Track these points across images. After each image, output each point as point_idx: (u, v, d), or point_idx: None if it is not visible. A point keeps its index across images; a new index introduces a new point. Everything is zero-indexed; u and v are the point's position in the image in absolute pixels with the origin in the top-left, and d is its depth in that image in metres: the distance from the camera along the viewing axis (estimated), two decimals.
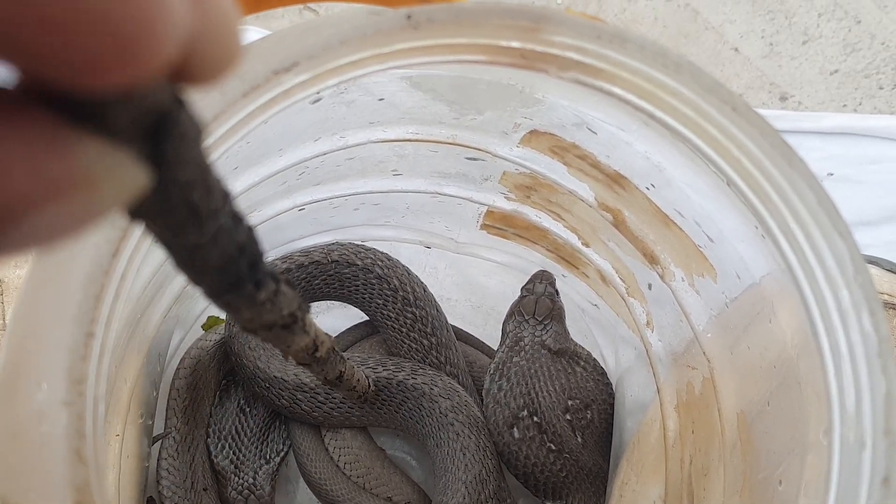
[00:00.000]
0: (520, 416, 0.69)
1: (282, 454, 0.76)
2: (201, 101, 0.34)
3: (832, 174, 0.92)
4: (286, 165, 0.59)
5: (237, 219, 0.23)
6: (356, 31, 0.35)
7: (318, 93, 0.40)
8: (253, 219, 0.67)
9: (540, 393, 0.69)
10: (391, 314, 0.76)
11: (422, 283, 0.77)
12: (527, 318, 0.72)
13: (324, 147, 0.59)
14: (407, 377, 0.71)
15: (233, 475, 0.72)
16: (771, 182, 0.38)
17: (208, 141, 0.35)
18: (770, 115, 0.94)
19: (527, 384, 0.69)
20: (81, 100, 0.16)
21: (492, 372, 0.71)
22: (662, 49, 0.36)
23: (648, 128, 0.47)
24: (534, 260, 0.79)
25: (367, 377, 0.62)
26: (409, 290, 0.75)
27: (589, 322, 0.81)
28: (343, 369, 0.52)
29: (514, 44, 0.37)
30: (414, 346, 0.76)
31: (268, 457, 0.75)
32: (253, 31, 0.93)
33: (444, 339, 0.76)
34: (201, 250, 0.21)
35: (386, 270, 0.75)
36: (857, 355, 0.36)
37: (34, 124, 0.15)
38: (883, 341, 0.35)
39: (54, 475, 0.30)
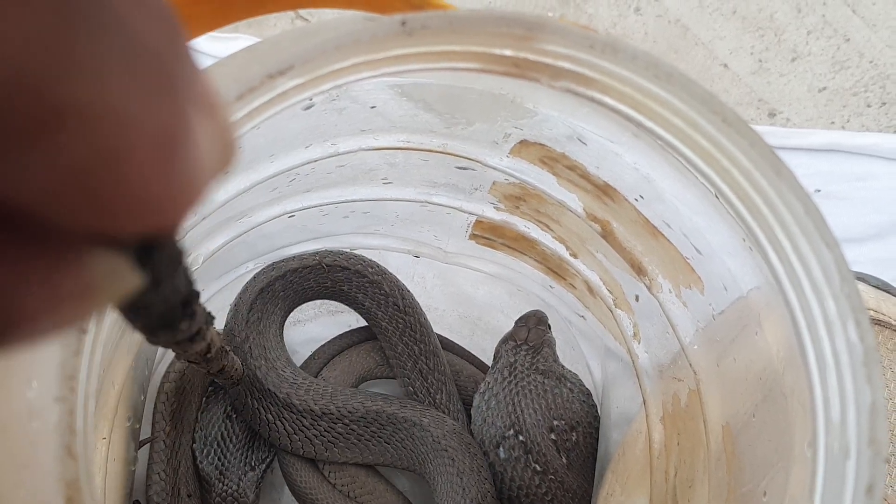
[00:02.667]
0: (506, 434, 0.69)
1: (267, 461, 0.76)
2: None
3: (819, 190, 0.93)
4: (277, 171, 0.59)
5: (185, 274, 0.23)
6: (351, 37, 0.35)
7: (310, 98, 0.40)
8: (242, 225, 0.67)
9: (525, 410, 0.69)
10: (384, 317, 0.77)
11: (409, 292, 0.78)
12: (519, 343, 0.73)
13: (315, 154, 0.59)
14: (396, 410, 0.72)
15: (217, 481, 0.72)
16: (759, 192, 0.38)
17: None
18: (758, 132, 0.94)
19: (513, 402, 0.70)
20: None
21: (482, 391, 0.72)
22: (654, 59, 0.37)
23: (638, 139, 0.47)
24: (522, 271, 0.79)
25: (242, 364, 0.63)
26: (399, 296, 0.76)
27: (575, 333, 0.82)
28: (226, 363, 0.53)
29: (507, 52, 0.38)
30: (406, 350, 0.76)
31: (253, 464, 0.75)
32: (245, 40, 0.93)
33: (431, 347, 0.76)
34: (149, 307, 0.22)
35: (377, 276, 0.75)
36: (842, 365, 0.37)
37: (48, 243, 0.16)
38: (868, 350, 0.36)
39: (44, 471, 0.30)
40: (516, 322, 0.77)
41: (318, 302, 0.84)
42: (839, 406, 0.37)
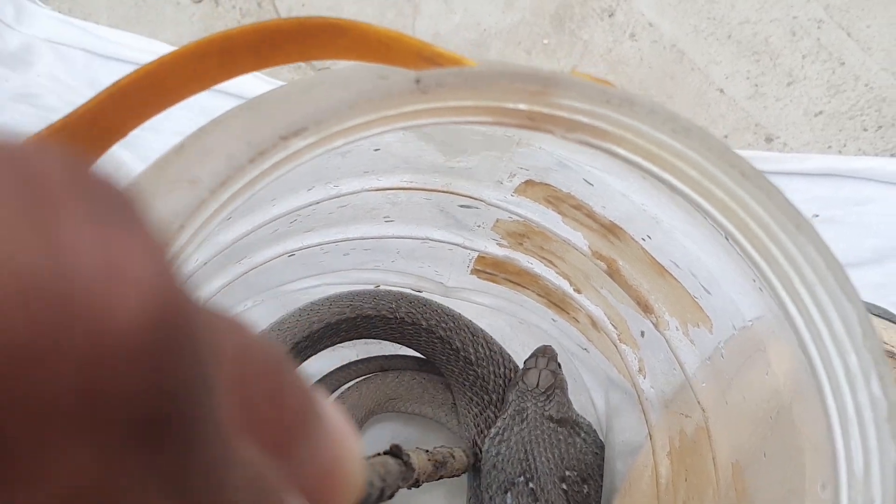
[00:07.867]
0: (515, 481, 0.68)
1: None
2: (206, 167, 0.34)
3: (817, 215, 0.92)
4: (278, 214, 0.58)
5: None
6: (365, 95, 0.34)
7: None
8: (241, 266, 0.66)
9: (538, 459, 0.69)
10: (454, 370, 0.78)
11: (487, 338, 0.79)
12: (530, 389, 0.73)
13: (317, 196, 0.59)
14: None
15: None
16: (779, 246, 0.38)
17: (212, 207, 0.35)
18: (755, 157, 0.94)
19: (525, 450, 0.69)
20: None
21: (492, 436, 0.72)
22: (672, 114, 0.36)
23: (645, 181, 0.47)
24: (523, 304, 0.79)
25: (463, 452, 0.63)
26: (472, 351, 0.77)
27: (578, 365, 0.81)
28: (443, 473, 0.53)
29: (522, 106, 0.37)
30: (476, 399, 0.77)
31: None
32: (252, 77, 0.93)
33: (496, 399, 0.78)
34: None
35: (448, 332, 0.77)
36: (865, 419, 0.36)
37: None
38: (892, 406, 0.35)
39: None
40: (525, 362, 0.76)
41: None
42: (862, 460, 0.36)
